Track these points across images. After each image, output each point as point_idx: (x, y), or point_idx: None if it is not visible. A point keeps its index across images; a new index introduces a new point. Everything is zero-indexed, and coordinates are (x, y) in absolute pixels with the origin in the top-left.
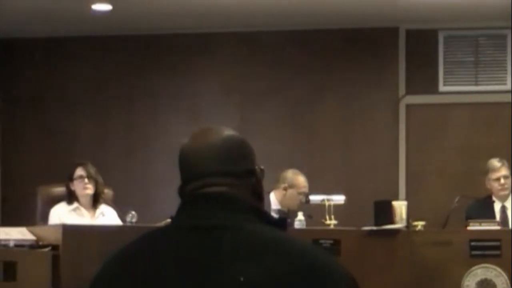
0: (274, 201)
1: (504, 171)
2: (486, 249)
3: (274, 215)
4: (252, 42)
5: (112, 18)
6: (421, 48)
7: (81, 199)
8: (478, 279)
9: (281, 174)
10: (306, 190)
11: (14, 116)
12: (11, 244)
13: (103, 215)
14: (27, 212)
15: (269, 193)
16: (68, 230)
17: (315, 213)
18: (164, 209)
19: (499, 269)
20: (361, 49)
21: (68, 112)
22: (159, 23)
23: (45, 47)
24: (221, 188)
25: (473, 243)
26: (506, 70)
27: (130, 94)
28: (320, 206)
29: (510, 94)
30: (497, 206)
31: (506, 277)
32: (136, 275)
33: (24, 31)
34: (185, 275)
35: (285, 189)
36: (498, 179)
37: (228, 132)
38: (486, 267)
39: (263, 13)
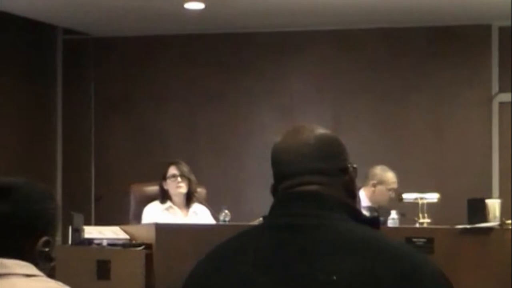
0: (364, 198)
1: None
2: None
3: (365, 212)
4: (344, 40)
5: (205, 17)
6: None
7: (174, 198)
8: None
9: (370, 170)
10: (395, 186)
11: (107, 115)
12: (105, 243)
13: (196, 214)
14: (121, 211)
15: (358, 190)
16: (161, 229)
17: (408, 211)
18: (257, 208)
19: None
20: (453, 47)
21: (161, 111)
22: (252, 21)
23: (137, 46)
24: (314, 186)
25: None
26: None
27: (223, 92)
28: (413, 204)
29: None
30: None
31: None
32: (230, 273)
33: (117, 30)
34: (277, 274)
35: (374, 185)
36: None
37: (320, 130)
38: None
39: (355, 11)
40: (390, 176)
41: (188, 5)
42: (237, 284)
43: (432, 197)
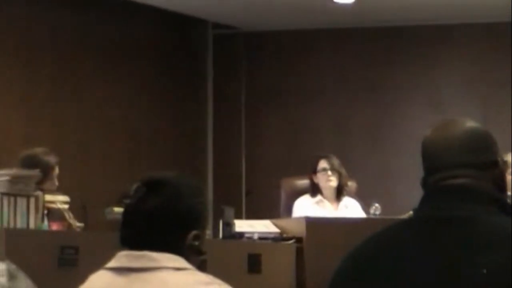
0: None
1: None
2: None
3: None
4: (493, 33)
5: (355, 10)
6: None
7: (325, 191)
8: None
9: None
10: None
11: (257, 109)
12: (255, 236)
13: (346, 207)
14: (271, 205)
15: None
16: (312, 223)
17: None
18: (408, 201)
19: None
20: None
21: (311, 104)
22: (402, 15)
23: (288, 40)
24: (464, 179)
25: None
26: None
27: (373, 86)
28: None
29: None
30: None
31: None
32: (379, 266)
33: (267, 24)
34: (427, 267)
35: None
36: None
37: (470, 123)
38: None
39: (502, 3)
40: None
41: None
42: (387, 277)
43: None
